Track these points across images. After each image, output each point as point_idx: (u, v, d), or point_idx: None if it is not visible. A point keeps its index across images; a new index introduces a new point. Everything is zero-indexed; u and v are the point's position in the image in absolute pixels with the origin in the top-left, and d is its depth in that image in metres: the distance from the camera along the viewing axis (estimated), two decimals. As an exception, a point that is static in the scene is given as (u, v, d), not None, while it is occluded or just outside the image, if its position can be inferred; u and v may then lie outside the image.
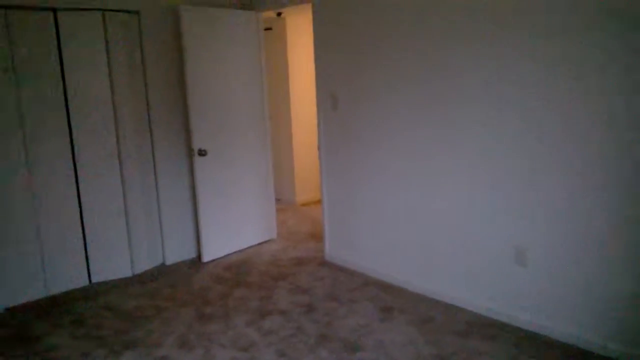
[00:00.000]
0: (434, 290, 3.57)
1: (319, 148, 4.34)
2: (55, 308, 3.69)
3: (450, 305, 3.45)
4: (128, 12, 4.05)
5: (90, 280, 4.13)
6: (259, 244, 4.96)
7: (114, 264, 4.19)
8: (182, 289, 3.94)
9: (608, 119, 2.58)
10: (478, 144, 3.16)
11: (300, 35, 6.26)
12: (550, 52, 2.74)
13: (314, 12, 4.13)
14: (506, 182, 3.04)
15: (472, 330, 3.09)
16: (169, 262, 4.53)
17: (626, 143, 2.53)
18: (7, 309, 3.69)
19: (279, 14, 6.02)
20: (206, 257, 4.51)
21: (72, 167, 3.93)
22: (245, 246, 4.85)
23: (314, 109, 4.44)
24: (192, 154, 4.34)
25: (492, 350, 2.85)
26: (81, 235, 4.03)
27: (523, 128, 2.92)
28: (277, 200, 5.75)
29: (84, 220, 4.03)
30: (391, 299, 3.59)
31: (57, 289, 3.95)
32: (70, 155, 3.91)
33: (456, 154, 3.29)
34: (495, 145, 3.07)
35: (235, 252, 4.74)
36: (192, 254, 4.69)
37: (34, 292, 3.83)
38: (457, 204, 3.34)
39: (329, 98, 4.14)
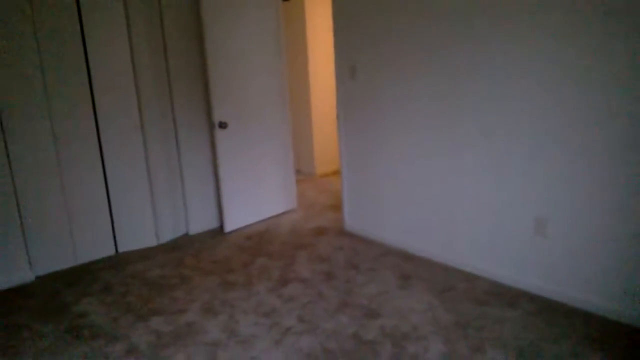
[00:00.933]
0: (454, 259, 3.60)
1: (337, 118, 4.35)
2: (84, 276, 3.82)
3: (470, 274, 3.48)
4: (147, -16, 4.07)
5: (116, 250, 4.25)
6: (280, 214, 5.03)
7: (139, 234, 4.31)
8: (205, 258, 4.04)
9: (631, 85, 2.53)
10: (500, 114, 3.13)
11: (318, 5, 6.20)
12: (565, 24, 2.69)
13: (333, -19, 4.09)
14: (528, 153, 3.03)
15: (491, 299, 3.12)
16: (192, 232, 4.63)
17: (650, 110, 2.50)
18: (39, 277, 3.84)
19: (297, -16, 5.96)
20: (228, 227, 4.60)
21: (97, 139, 4.01)
22: (266, 216, 4.93)
23: (333, 80, 4.44)
24: (213, 126, 4.39)
25: (511, 317, 2.89)
26: (107, 206, 4.14)
27: (546, 98, 2.88)
28: (297, 171, 5.80)
29: (110, 191, 4.13)
30: (411, 268, 3.64)
31: (85, 258, 4.08)
32: (95, 128, 3.99)
33: (478, 124, 3.27)
34: (517, 115, 3.04)
35: (256, 222, 4.82)
36: (215, 224, 4.79)
37: (63, 261, 3.97)
38: (478, 174, 3.34)
39: (347, 68, 4.13)
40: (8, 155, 3.60)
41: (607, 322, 2.78)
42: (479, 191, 3.35)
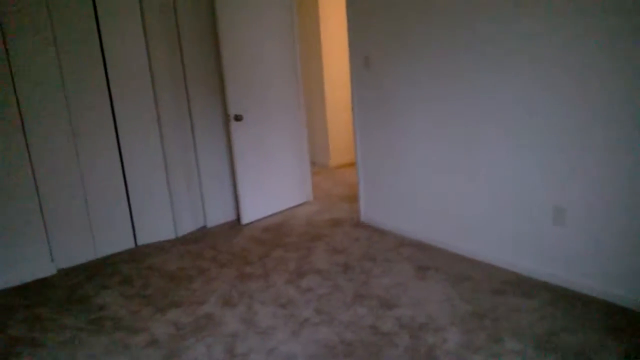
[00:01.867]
0: (470, 249, 3.59)
1: (352, 109, 4.34)
2: (104, 269, 3.89)
3: (487, 264, 3.47)
4: (161, -21, 4.09)
5: (136, 243, 4.32)
6: (295, 206, 5.06)
7: (158, 227, 4.36)
8: (223, 250, 4.08)
9: (651, 72, 2.50)
10: (517, 105, 3.10)
11: (332, -4, 6.18)
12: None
13: (346, -28, 4.07)
14: (545, 142, 3.00)
15: (508, 289, 3.11)
16: (210, 224, 4.68)
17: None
18: (60, 270, 3.91)
19: (310, -25, 5.94)
20: (245, 220, 4.63)
21: (115, 134, 4.06)
22: (282, 208, 4.96)
23: (347, 72, 4.42)
24: (228, 119, 4.41)
25: (528, 307, 2.88)
26: (126, 200, 4.20)
27: (569, 91, 2.85)
28: (312, 163, 5.81)
29: (128, 185, 4.19)
30: (427, 259, 3.64)
31: (105, 251, 4.15)
32: (113, 123, 4.04)
33: (494, 114, 3.24)
34: (535, 105, 3.01)
35: (272, 215, 4.85)
36: (232, 217, 4.83)
37: (84, 255, 4.04)
38: (495, 164, 3.32)
39: (361, 58, 4.11)
40: (29, 151, 3.66)
41: (629, 313, 2.75)
42: (497, 180, 3.33)
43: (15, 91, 3.55)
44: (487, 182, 3.39)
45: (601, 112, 2.70)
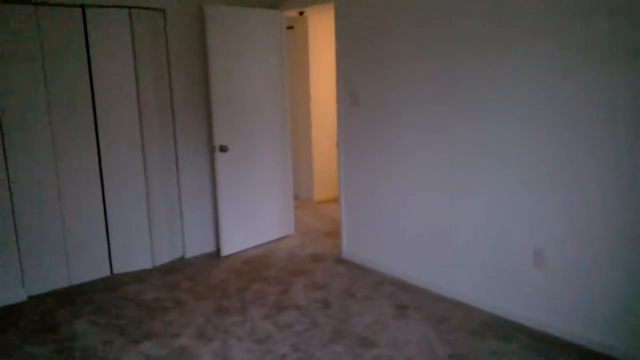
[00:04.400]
0: (451, 290, 3.58)
1: (337, 145, 4.37)
2: (78, 297, 3.78)
3: (467, 305, 3.45)
4: (154, 9, 4.13)
5: (111, 271, 4.22)
6: (277, 239, 5.01)
7: (135, 256, 4.28)
8: (201, 281, 4.01)
9: (627, 124, 2.56)
10: (499, 147, 3.15)
11: (321, 34, 6.30)
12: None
13: (337, 11, 4.16)
14: (526, 185, 3.04)
15: (487, 331, 3.09)
16: (188, 255, 4.60)
17: (648, 146, 2.52)
18: (31, 297, 3.79)
19: (301, 13, 6.06)
20: (225, 251, 4.57)
21: (97, 159, 4.02)
22: (264, 241, 4.91)
23: (333, 109, 4.46)
24: (213, 150, 4.40)
25: (507, 350, 2.86)
26: (104, 227, 4.13)
27: (544, 132, 2.91)
28: (295, 197, 5.79)
29: (107, 212, 4.12)
30: (407, 298, 3.61)
31: (79, 278, 4.04)
32: (96, 148, 4.00)
33: (478, 156, 3.29)
34: (516, 148, 3.06)
35: (253, 247, 4.80)
36: (212, 248, 4.76)
37: (57, 281, 3.93)
38: (476, 205, 3.34)
39: (349, 95, 4.17)
40: (7, 173, 3.60)
41: (604, 359, 2.74)
42: (477, 222, 3.35)
43: (-2, 112, 3.52)
44: (468, 223, 3.40)
45: (584, 152, 2.76)
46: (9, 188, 3.62)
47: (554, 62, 2.81)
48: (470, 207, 3.38)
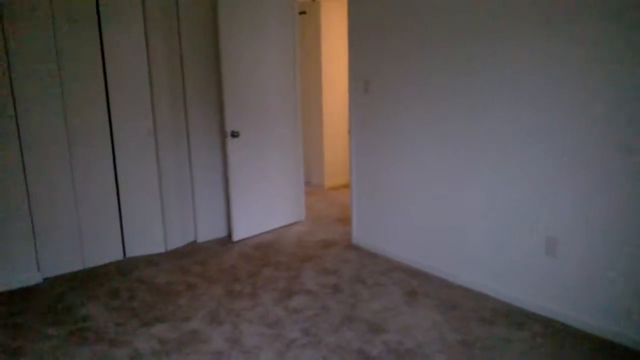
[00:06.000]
0: (461, 277, 3.57)
1: (349, 132, 4.36)
2: (91, 280, 3.83)
3: (477, 292, 3.44)
4: (166, -7, 4.13)
5: (124, 255, 4.27)
6: (288, 225, 5.03)
7: (148, 240, 4.32)
8: (212, 266, 4.04)
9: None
10: (512, 134, 3.12)
11: (333, 20, 6.25)
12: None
13: (349, -4, 4.13)
14: (539, 172, 3.01)
15: (498, 318, 3.09)
16: (200, 239, 4.64)
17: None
18: (46, 279, 3.85)
19: (313, -2, 6.02)
20: (236, 236, 4.60)
21: (110, 144, 4.05)
22: (274, 227, 4.93)
23: (345, 94, 4.45)
24: (225, 135, 4.41)
25: (518, 338, 2.85)
26: (117, 211, 4.17)
27: (554, 120, 2.87)
28: (306, 183, 5.80)
29: (120, 197, 4.16)
30: (417, 284, 3.61)
31: (93, 262, 4.10)
32: (109, 133, 4.03)
33: (490, 143, 3.26)
34: (528, 135, 3.03)
35: (264, 233, 4.82)
36: (223, 233, 4.79)
37: (71, 264, 3.99)
38: (488, 192, 3.32)
39: (361, 82, 4.14)
40: (22, 158, 3.64)
41: (621, 349, 2.72)
42: (489, 210, 3.33)
43: (13, 95, 3.54)
44: (479, 211, 3.38)
45: (596, 139, 2.72)
46: (24, 172, 3.66)
47: (568, 53, 2.77)
48: (482, 195, 3.36)
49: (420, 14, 3.56)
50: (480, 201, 3.38)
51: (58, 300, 3.51)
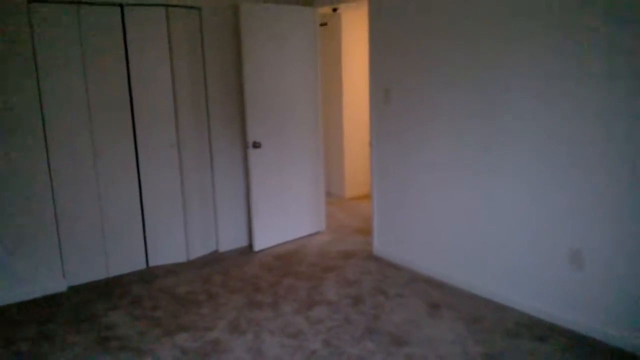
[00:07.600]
0: (484, 288, 3.53)
1: (370, 144, 4.36)
2: (115, 289, 3.88)
3: (500, 304, 3.40)
4: (190, 7, 4.19)
5: (147, 264, 4.32)
6: (309, 235, 5.04)
7: (170, 250, 4.37)
8: (233, 276, 4.06)
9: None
10: (535, 144, 3.09)
11: (354, 31, 6.28)
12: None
13: (370, 8, 4.14)
14: (563, 184, 2.97)
15: (521, 331, 3.04)
16: (222, 249, 4.67)
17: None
18: (71, 288, 3.91)
19: (334, 10, 6.05)
20: (257, 246, 4.62)
21: (135, 156, 4.11)
22: (295, 237, 4.94)
23: (366, 104, 4.46)
24: (246, 146, 4.45)
25: (543, 351, 2.80)
26: (141, 221, 4.22)
27: (580, 129, 2.83)
28: (326, 193, 5.80)
29: (144, 206, 4.21)
30: (440, 296, 3.58)
31: (116, 271, 4.15)
32: (133, 144, 4.10)
33: (513, 154, 3.23)
34: (553, 144, 2.99)
35: (285, 243, 4.83)
36: (244, 243, 4.82)
37: (95, 273, 4.05)
38: (512, 203, 3.28)
39: (382, 92, 4.15)
40: (49, 168, 3.72)
41: (645, 363, 2.67)
42: (512, 221, 3.29)
43: (41, 107, 3.64)
44: (502, 222, 3.35)
45: (622, 150, 2.68)
46: (51, 184, 3.74)
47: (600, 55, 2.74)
48: (505, 206, 3.32)
49: (442, 23, 3.55)
50: (503, 213, 3.34)
51: (82, 308, 3.56)
